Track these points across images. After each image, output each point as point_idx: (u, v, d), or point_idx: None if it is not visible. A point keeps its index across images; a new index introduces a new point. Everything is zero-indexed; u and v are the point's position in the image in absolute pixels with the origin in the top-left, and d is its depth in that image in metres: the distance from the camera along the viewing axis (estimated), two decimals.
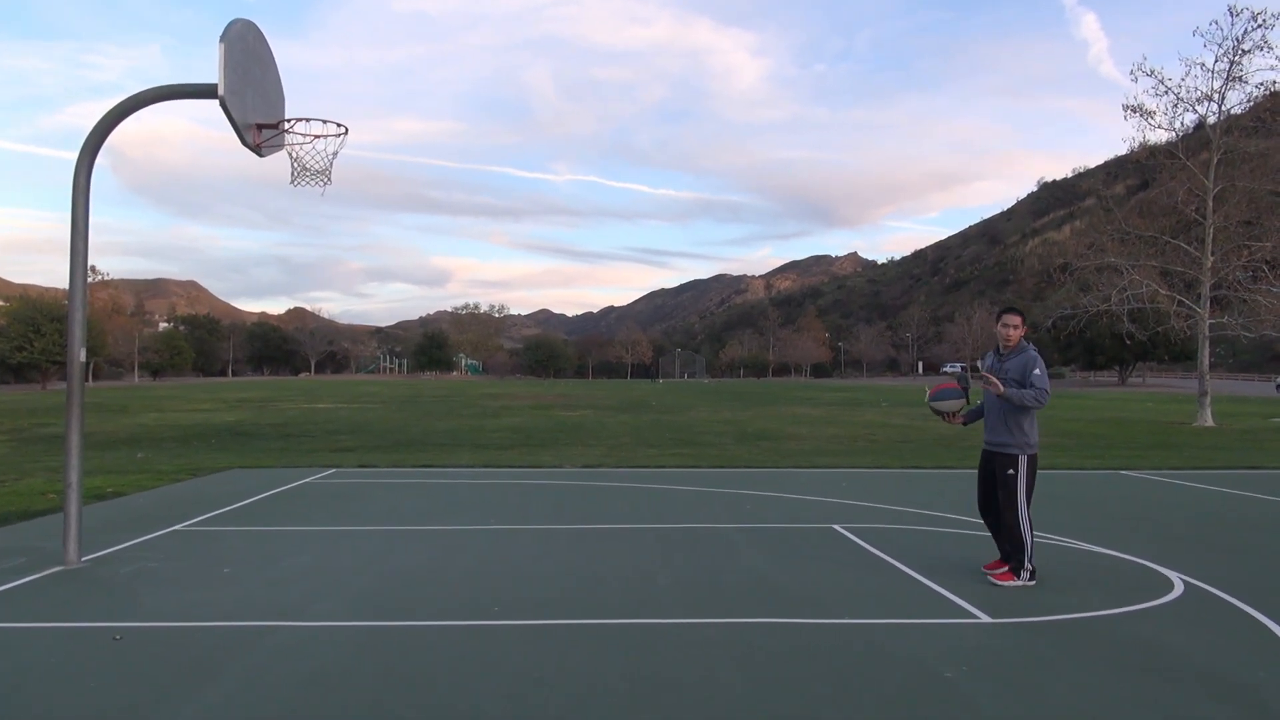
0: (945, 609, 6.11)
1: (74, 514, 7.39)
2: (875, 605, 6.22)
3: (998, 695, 4.51)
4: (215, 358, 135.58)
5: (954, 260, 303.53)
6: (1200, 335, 29.32)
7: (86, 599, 6.33)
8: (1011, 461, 6.80)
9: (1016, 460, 6.79)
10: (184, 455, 17.59)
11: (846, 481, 13.43)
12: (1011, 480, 6.79)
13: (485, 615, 5.89)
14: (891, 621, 5.80)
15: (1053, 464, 16.58)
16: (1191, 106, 28.79)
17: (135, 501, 11.19)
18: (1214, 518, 10.56)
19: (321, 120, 7.60)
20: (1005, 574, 6.86)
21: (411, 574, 7.18)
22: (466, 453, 18.31)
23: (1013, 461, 6.79)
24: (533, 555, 7.92)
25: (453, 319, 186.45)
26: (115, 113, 7.35)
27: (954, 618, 5.90)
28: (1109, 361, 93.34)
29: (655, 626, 5.68)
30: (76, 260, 7.42)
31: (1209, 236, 28.37)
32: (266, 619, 5.77)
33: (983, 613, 5.96)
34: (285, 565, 7.48)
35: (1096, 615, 5.96)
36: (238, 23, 7.23)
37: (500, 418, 31.85)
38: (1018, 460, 6.78)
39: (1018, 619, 5.84)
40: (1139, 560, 7.81)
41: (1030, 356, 6.81)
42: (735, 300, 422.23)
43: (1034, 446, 6.86)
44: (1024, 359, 6.82)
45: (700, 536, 8.86)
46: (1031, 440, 6.83)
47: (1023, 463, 6.79)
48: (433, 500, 11.44)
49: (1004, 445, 6.86)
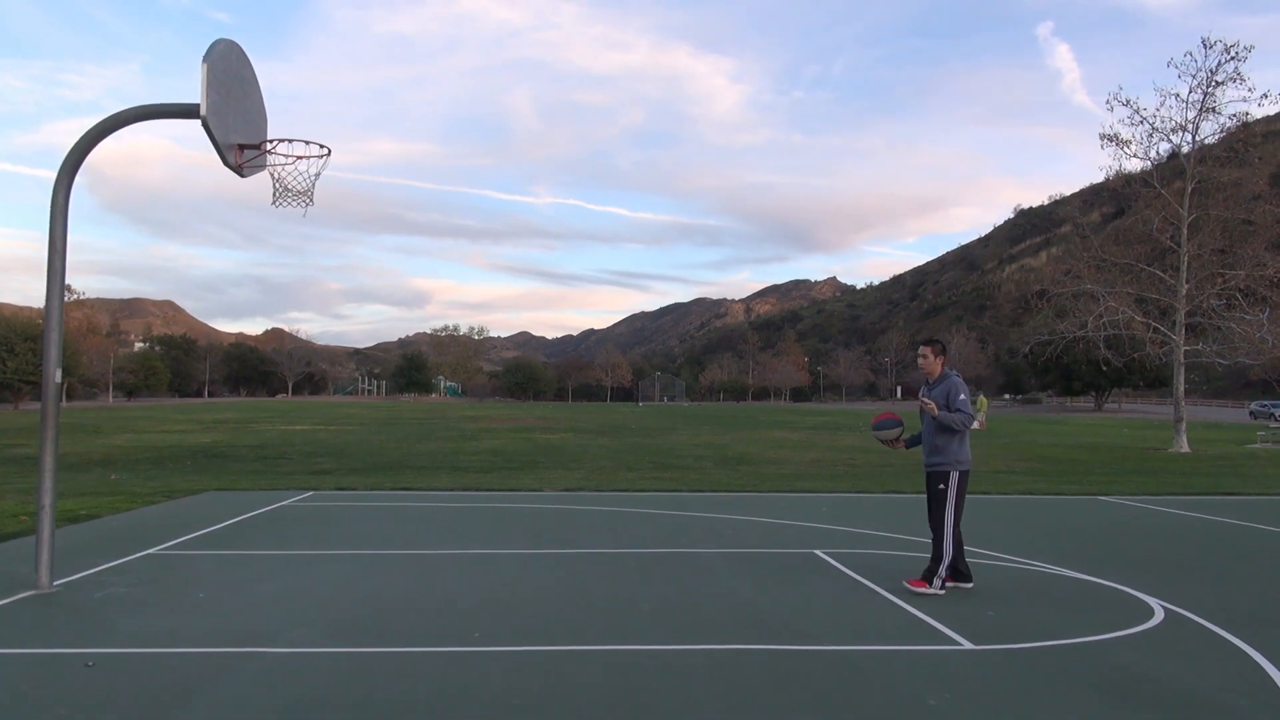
0: (927, 635, 6.09)
1: (46, 537, 7.26)
2: (858, 631, 6.19)
3: None
4: (191, 378, 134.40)
5: (932, 285, 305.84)
6: (1175, 362, 29.59)
7: (58, 624, 6.22)
8: (943, 477, 7.35)
9: (948, 476, 7.33)
10: (159, 477, 17.38)
11: (827, 507, 13.42)
12: (941, 494, 7.34)
13: (465, 641, 5.83)
14: (874, 648, 5.78)
15: (1031, 489, 16.66)
16: (1166, 136, 29.21)
17: (109, 524, 11.04)
18: (1192, 544, 10.61)
19: (304, 141, 7.58)
20: (919, 581, 7.36)
21: (389, 599, 7.10)
22: (445, 476, 18.18)
23: (944, 477, 7.34)
24: (512, 580, 7.86)
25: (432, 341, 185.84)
26: (95, 132, 7.29)
27: (936, 644, 5.88)
28: (1085, 387, 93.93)
29: (638, 653, 5.63)
30: (53, 280, 7.34)
31: (1184, 264, 28.71)
32: (241, 645, 5.69)
33: (964, 639, 5.95)
34: (260, 590, 7.38)
35: (1078, 642, 5.96)
36: (221, 43, 7.21)
37: (479, 440, 31.70)
38: (949, 475, 7.33)
39: (999, 645, 5.84)
40: (1118, 586, 7.83)
41: (952, 383, 7.42)
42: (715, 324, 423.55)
43: (965, 463, 7.39)
44: (946, 385, 7.45)
45: (681, 561, 8.82)
46: (962, 458, 7.36)
47: (953, 478, 7.34)
48: (411, 524, 11.34)
49: (938, 464, 7.41)
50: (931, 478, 7.48)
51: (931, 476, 7.48)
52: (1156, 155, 29.83)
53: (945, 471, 7.33)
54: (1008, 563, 8.92)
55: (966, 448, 7.41)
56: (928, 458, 7.52)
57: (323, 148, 7.63)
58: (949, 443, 7.35)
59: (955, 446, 7.33)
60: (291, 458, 23.09)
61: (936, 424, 7.39)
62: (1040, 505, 14.14)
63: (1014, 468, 22.20)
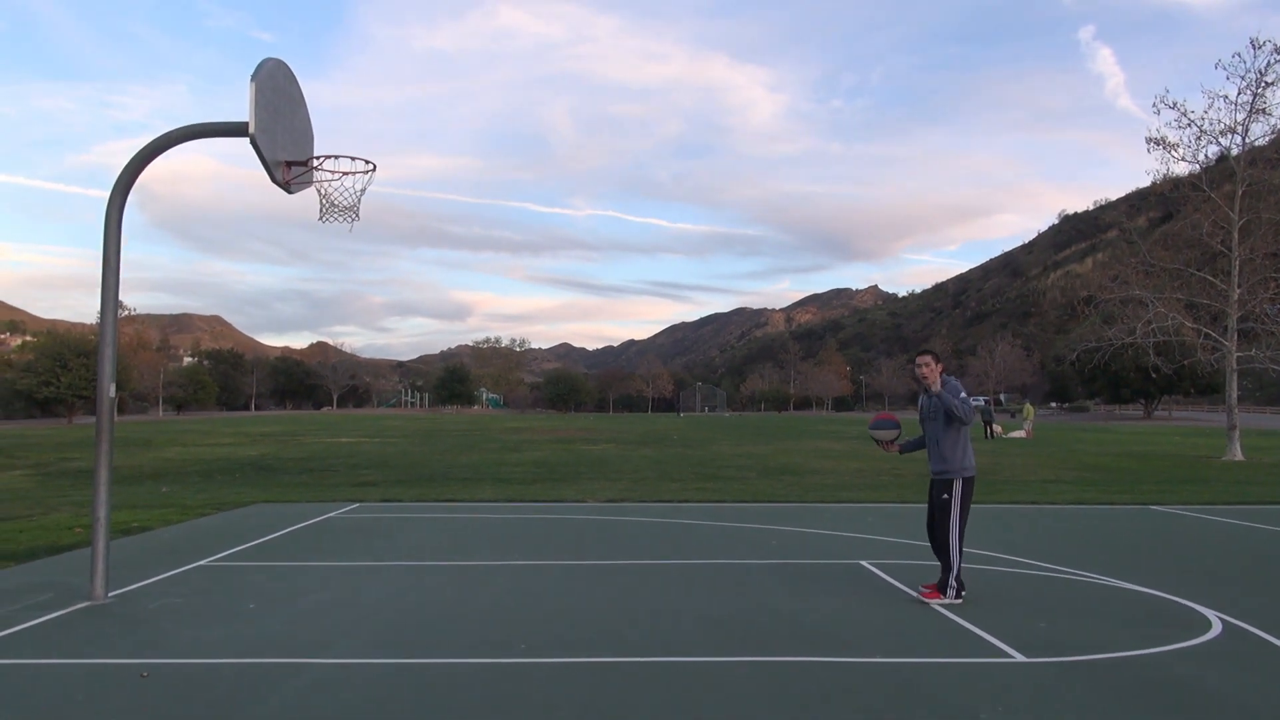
0: (978, 648, 6.01)
1: (101, 549, 7.40)
2: (907, 644, 6.12)
3: None
4: (239, 392, 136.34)
5: (975, 293, 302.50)
6: (1228, 368, 28.98)
7: (113, 635, 6.32)
8: (948, 485, 7.41)
9: (952, 484, 7.40)
10: (208, 490, 17.65)
11: (872, 517, 13.30)
12: (946, 503, 7.41)
13: (512, 653, 5.85)
14: (924, 660, 5.71)
15: (1080, 499, 16.38)
16: (1215, 139, 28.66)
17: (160, 536, 11.22)
18: (1249, 554, 10.38)
19: (350, 157, 7.68)
20: (932, 592, 7.43)
21: (436, 610, 7.14)
22: (489, 487, 18.28)
23: (948, 485, 7.41)
24: (557, 591, 7.87)
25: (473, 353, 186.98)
26: (147, 151, 7.45)
27: (987, 657, 5.80)
28: (1134, 395, 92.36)
29: (686, 665, 5.61)
30: (108, 296, 7.49)
31: (1235, 269, 28.13)
32: (292, 656, 5.75)
33: (1016, 652, 5.86)
34: (309, 601, 7.46)
35: (1132, 655, 5.85)
36: (269, 62, 7.33)
37: (522, 452, 31.82)
38: (953, 484, 7.40)
39: (1052, 658, 5.74)
40: (1173, 598, 7.67)
41: (952, 385, 7.53)
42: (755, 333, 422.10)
43: (970, 470, 7.46)
44: (949, 388, 7.52)
45: (726, 573, 8.78)
46: (967, 464, 7.44)
47: (958, 486, 7.40)
48: (456, 535, 11.41)
49: (943, 472, 7.47)
50: (936, 485, 7.54)
51: (936, 484, 7.54)
52: (1205, 158, 29.30)
53: (950, 479, 7.41)
54: (1058, 574, 8.77)
55: (971, 454, 7.50)
56: (934, 465, 7.57)
57: (368, 163, 7.73)
58: (954, 449, 7.43)
59: (961, 453, 7.42)
60: (337, 470, 23.33)
61: (943, 431, 7.44)
62: (1090, 515, 13.91)
63: (1062, 477, 21.85)
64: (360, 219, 7.85)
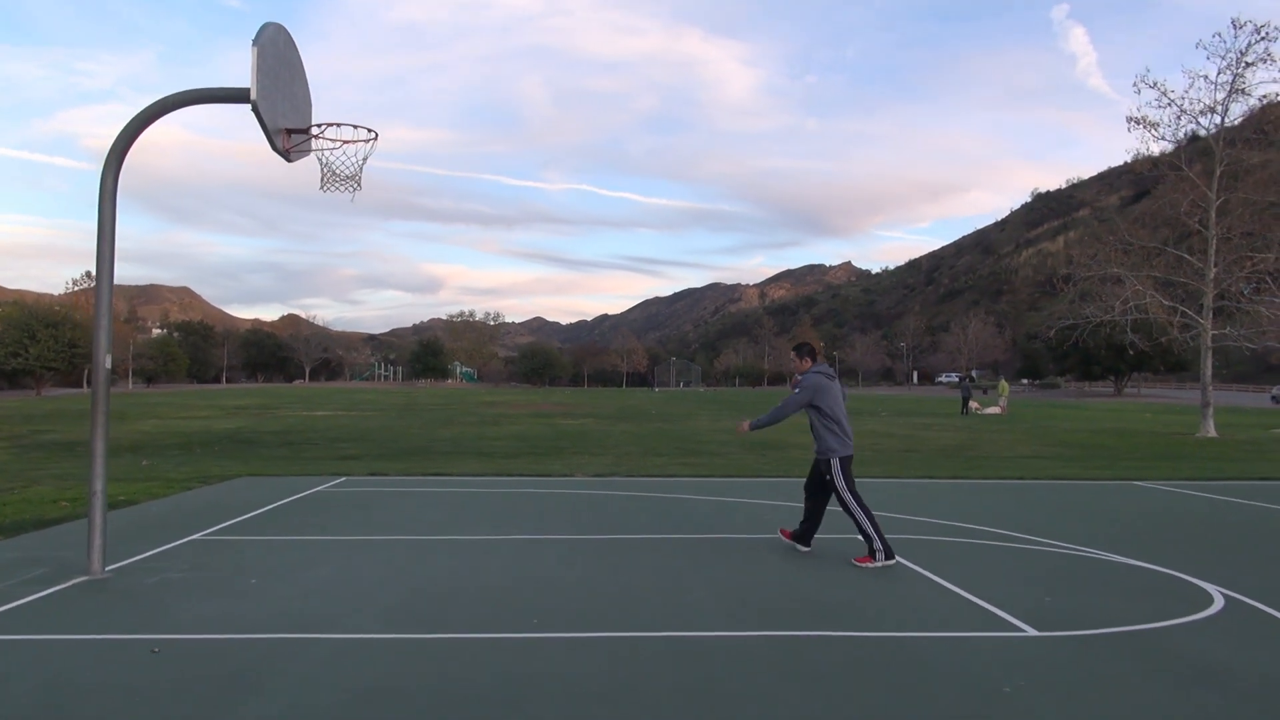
0: (989, 622, 6.03)
1: (98, 523, 7.27)
2: (917, 618, 6.14)
3: (1062, 710, 4.43)
4: (209, 365, 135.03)
5: (948, 270, 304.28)
6: (1203, 346, 29.34)
7: (116, 610, 6.22)
8: (826, 466, 8.10)
9: (830, 463, 8.06)
10: (190, 463, 17.45)
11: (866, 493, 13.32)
12: (829, 484, 8.10)
13: (524, 628, 5.80)
14: (937, 635, 5.72)
15: (1063, 474, 16.54)
16: (1195, 119, 28.86)
17: (149, 510, 11.08)
18: (1235, 529, 10.52)
19: (352, 125, 7.52)
20: (864, 558, 7.98)
21: (442, 585, 7.08)
22: (472, 461, 18.20)
23: (827, 466, 8.09)
24: (560, 566, 7.84)
25: (447, 326, 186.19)
26: (144, 116, 7.27)
27: (999, 631, 5.82)
28: (1104, 372, 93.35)
29: (702, 640, 5.59)
30: (103, 265, 7.35)
31: (1211, 248, 28.40)
32: (303, 631, 5.68)
33: (1029, 626, 5.89)
34: (311, 575, 7.38)
35: (1143, 629, 5.89)
36: (270, 27, 7.16)
37: (501, 425, 31.74)
38: (830, 463, 8.06)
39: (1064, 632, 5.77)
40: (1171, 572, 7.75)
41: (804, 381, 8.27)
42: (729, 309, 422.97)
43: (838, 450, 8.06)
44: (803, 381, 8.30)
45: (728, 547, 8.78)
46: (833, 446, 8.06)
47: (835, 465, 8.05)
48: (449, 509, 11.34)
49: (820, 452, 8.22)
50: (817, 465, 8.26)
51: (817, 464, 8.26)
52: (1184, 137, 29.51)
53: (827, 460, 8.07)
54: (1054, 548, 8.84)
55: (830, 438, 8.05)
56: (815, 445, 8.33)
57: (370, 132, 7.58)
58: (819, 435, 8.14)
59: (825, 436, 8.08)
60: (317, 443, 23.16)
61: (811, 418, 8.19)
62: (1077, 490, 14.04)
63: (1042, 453, 22.07)
64: (362, 188, 7.71)
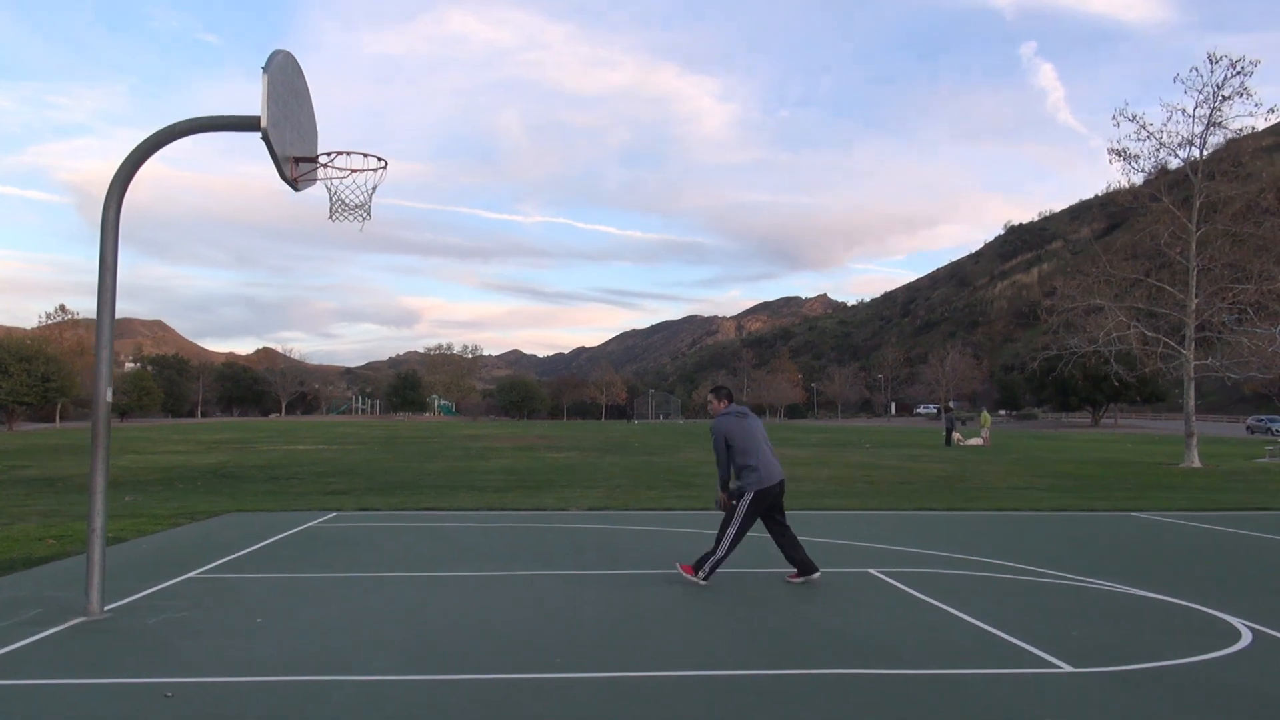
0: (1021, 658, 5.90)
1: (97, 561, 7.05)
2: (949, 655, 6.00)
3: None
4: (184, 399, 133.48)
5: (923, 302, 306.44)
6: (1185, 377, 29.54)
7: (121, 652, 5.99)
8: (739, 494, 8.45)
9: (743, 495, 8.41)
10: (175, 499, 17.10)
11: (863, 525, 13.23)
12: (734, 507, 8.42)
13: (548, 668, 5.62)
14: (975, 672, 5.58)
15: (1060, 505, 16.49)
16: (1173, 151, 29.24)
17: (139, 547, 10.79)
18: (1245, 560, 10.49)
19: (362, 154, 7.41)
20: (688, 567, 8.49)
21: (454, 623, 6.88)
22: (464, 495, 17.94)
23: (740, 494, 8.45)
24: (572, 602, 7.65)
25: (424, 359, 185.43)
26: (148, 145, 7.12)
27: (1034, 667, 5.69)
28: (1082, 403, 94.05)
29: (734, 679, 5.43)
30: (104, 298, 7.16)
31: (1192, 279, 28.67)
32: (321, 673, 5.47)
33: (1063, 662, 5.76)
34: (318, 614, 7.16)
35: (1177, 664, 5.79)
36: (279, 54, 7.05)
37: (488, 459, 31.44)
38: (744, 495, 8.40)
39: (1100, 668, 5.65)
40: (1188, 604, 7.67)
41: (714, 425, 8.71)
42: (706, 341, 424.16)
43: (753, 485, 8.35)
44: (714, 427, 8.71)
45: (744, 582, 8.61)
46: (748, 480, 8.37)
47: (747, 498, 8.35)
48: (447, 545, 11.11)
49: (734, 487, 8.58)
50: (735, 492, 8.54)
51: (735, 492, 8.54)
52: (1153, 170, 29.89)
53: (741, 491, 8.42)
54: (1065, 580, 8.74)
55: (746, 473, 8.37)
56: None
57: (380, 160, 7.46)
58: (742, 470, 8.43)
59: (742, 472, 8.42)
60: (302, 478, 22.81)
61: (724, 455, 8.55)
62: (1076, 522, 13.98)
63: (1033, 484, 22.05)
64: (371, 217, 7.58)
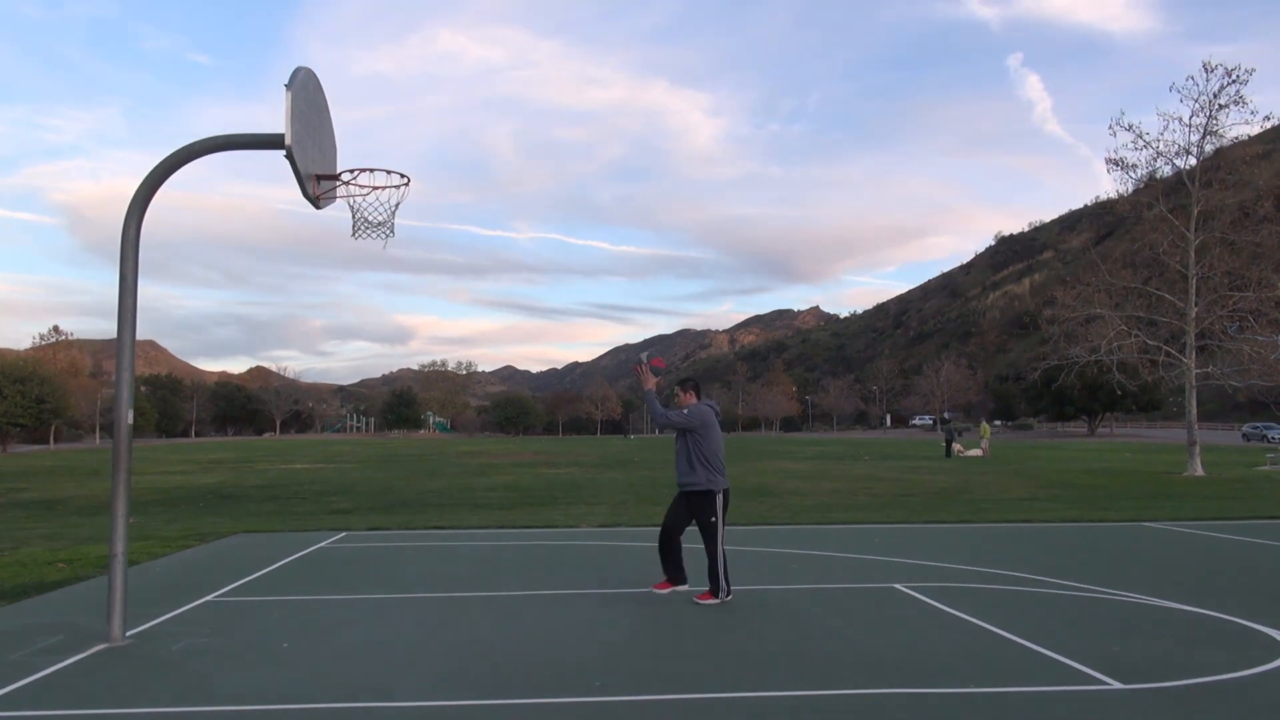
0: (1068, 675, 5.80)
1: (119, 586, 6.94)
2: (994, 672, 5.90)
3: None
4: (178, 418, 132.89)
5: (916, 313, 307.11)
6: (1187, 385, 29.56)
7: (149, 680, 5.85)
8: (709, 499, 8.07)
9: (714, 497, 8.07)
10: (179, 520, 16.94)
11: (877, 539, 13.14)
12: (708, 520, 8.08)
13: (588, 690, 5.51)
14: (1025, 690, 5.48)
15: (1068, 516, 16.43)
16: (1170, 160, 29.35)
17: (151, 570, 10.65)
18: (1269, 569, 10.40)
19: (385, 171, 7.33)
20: (705, 595, 8.10)
21: (485, 644, 6.76)
22: (468, 513, 17.83)
23: (710, 499, 8.07)
24: (600, 623, 7.54)
25: (418, 376, 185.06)
26: (168, 163, 7.04)
27: (1083, 684, 5.59)
28: (1078, 412, 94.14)
29: (781, 700, 5.32)
30: (125, 318, 7.06)
31: (1192, 287, 28.72)
32: (359, 700, 5.34)
33: (1110, 678, 5.67)
34: (344, 637, 7.03)
35: (1228, 679, 5.69)
36: (301, 71, 6.98)
37: (488, 476, 31.31)
38: (714, 496, 8.07)
39: (1151, 684, 5.55)
40: (1222, 616, 7.60)
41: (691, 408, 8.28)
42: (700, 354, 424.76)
43: (720, 486, 8.08)
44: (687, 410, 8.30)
45: (771, 599, 8.51)
46: (716, 480, 8.05)
47: (719, 499, 8.10)
48: (464, 564, 10.99)
49: (698, 484, 8.10)
50: (691, 499, 8.16)
51: (691, 497, 8.17)
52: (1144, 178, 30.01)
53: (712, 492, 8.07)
54: (1092, 593, 8.66)
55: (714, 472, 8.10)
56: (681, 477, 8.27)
57: (402, 177, 7.39)
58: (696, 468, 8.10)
59: (700, 469, 8.07)
60: (304, 497, 22.67)
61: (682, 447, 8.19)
62: (1089, 533, 13.91)
63: (1037, 495, 22.02)
64: (395, 234, 7.50)
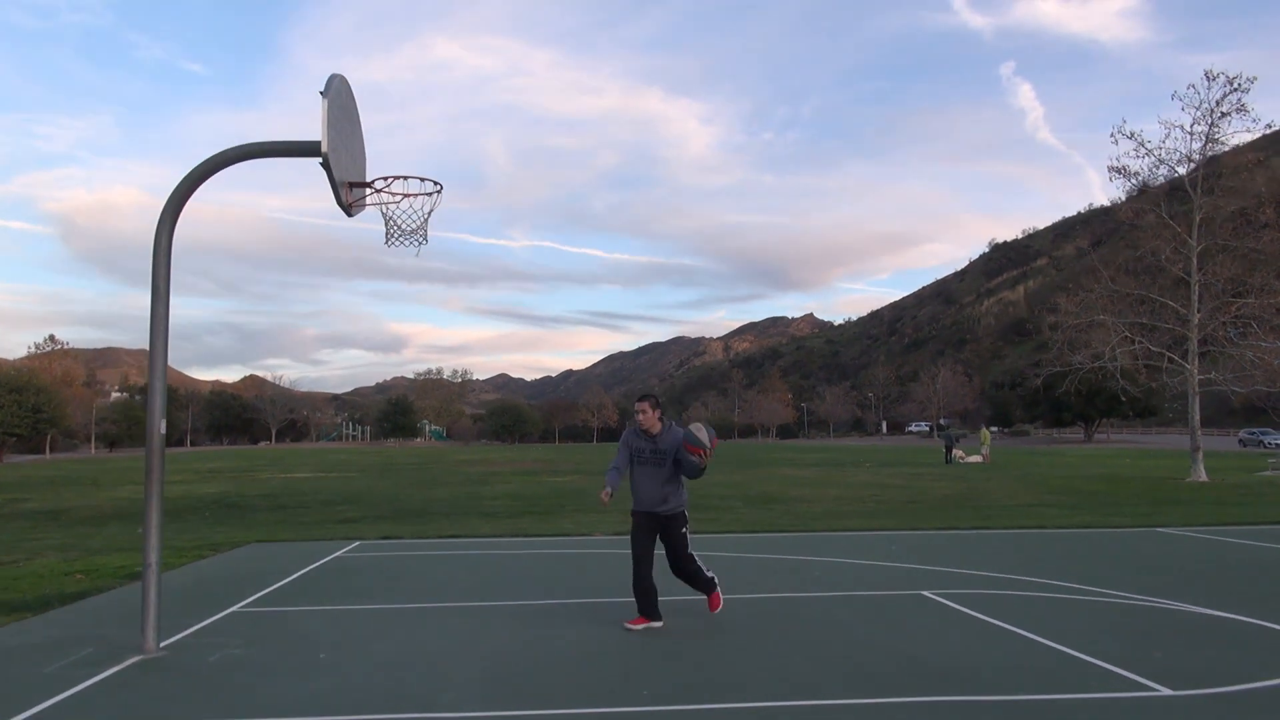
0: (1117, 682, 5.78)
1: (153, 598, 6.90)
2: (1037, 679, 5.87)
3: None
4: (173, 428, 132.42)
5: (910, 320, 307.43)
6: (1190, 391, 29.60)
7: (190, 693, 5.80)
8: (683, 520, 7.80)
9: (684, 517, 7.82)
10: (187, 530, 16.87)
11: (895, 545, 13.12)
12: (684, 536, 7.78)
13: (636, 700, 5.48)
14: (1071, 697, 5.46)
15: (1079, 522, 16.42)
16: (1172, 168, 29.44)
17: (171, 581, 10.54)
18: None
19: (419, 178, 7.31)
20: (715, 598, 7.92)
21: (522, 653, 6.73)
22: (477, 521, 17.76)
23: (683, 520, 7.80)
24: (634, 633, 7.50)
25: (413, 385, 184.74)
26: (200, 171, 7.01)
27: (1133, 691, 5.58)
28: (1075, 418, 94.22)
29: (830, 709, 5.29)
30: (158, 326, 7.02)
31: (1194, 293, 28.79)
32: (403, 710, 5.31)
33: (1159, 685, 5.65)
34: (379, 648, 6.99)
35: (1276, 684, 5.68)
36: (336, 78, 6.96)
37: (491, 484, 31.22)
38: (685, 516, 7.83)
39: (1201, 690, 5.54)
40: (1256, 621, 7.59)
41: (676, 433, 7.67)
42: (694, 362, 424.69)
43: (685, 505, 7.87)
44: (673, 436, 7.66)
45: (796, 607, 8.49)
46: (685, 502, 7.84)
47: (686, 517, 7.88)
48: (485, 573, 10.94)
49: (675, 509, 7.73)
50: (672, 520, 7.73)
51: (672, 519, 7.73)
52: (1164, 186, 30.08)
53: (682, 512, 7.77)
54: (1121, 599, 8.65)
55: (685, 493, 7.86)
56: (660, 505, 7.68)
57: (435, 184, 7.37)
58: (679, 488, 7.74)
59: (680, 491, 7.77)
60: (309, 506, 22.58)
61: (665, 473, 7.63)
62: (1104, 539, 13.90)
63: (1044, 501, 22.00)
64: (428, 242, 7.47)
